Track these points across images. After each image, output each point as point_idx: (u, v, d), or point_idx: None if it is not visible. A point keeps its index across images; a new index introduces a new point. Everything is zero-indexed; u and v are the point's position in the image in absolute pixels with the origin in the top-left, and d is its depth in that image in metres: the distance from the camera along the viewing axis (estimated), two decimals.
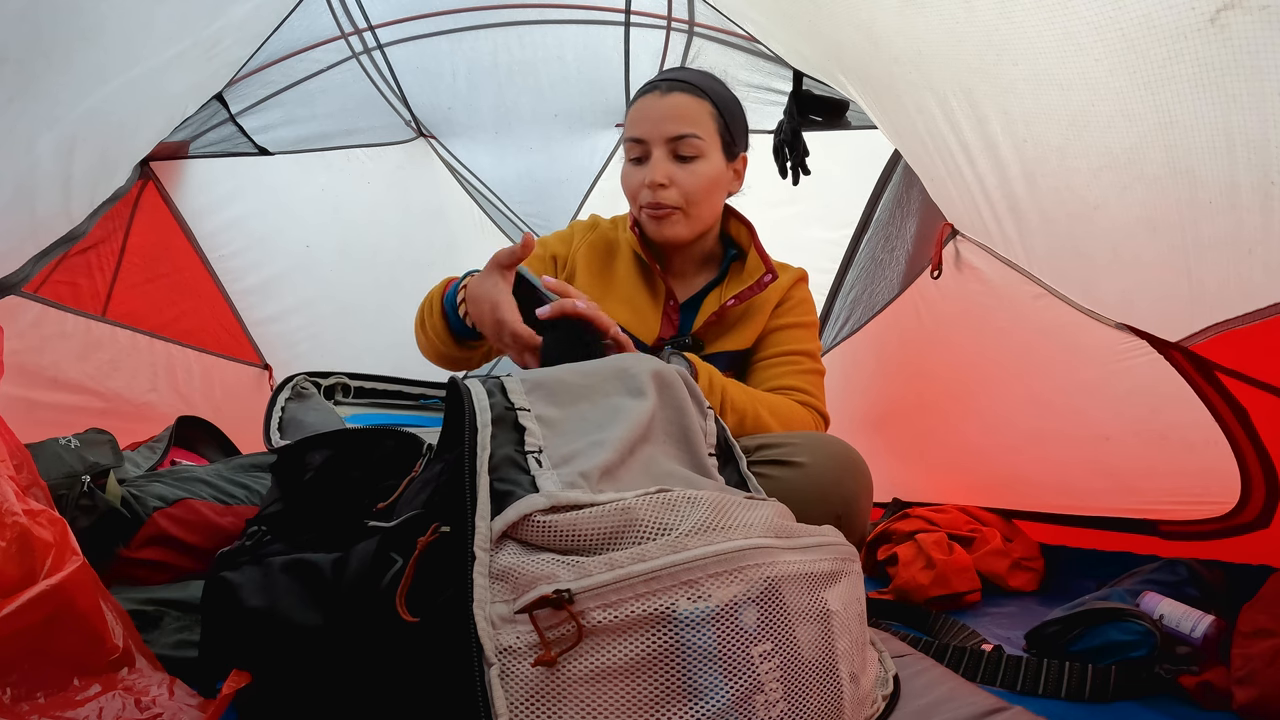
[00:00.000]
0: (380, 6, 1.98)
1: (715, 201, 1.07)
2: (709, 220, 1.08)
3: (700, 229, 1.07)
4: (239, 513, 0.99)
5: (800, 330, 1.10)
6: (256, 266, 2.15)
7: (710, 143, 1.03)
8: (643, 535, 0.48)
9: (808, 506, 0.72)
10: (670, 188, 1.02)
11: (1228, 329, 0.82)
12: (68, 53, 1.05)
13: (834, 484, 0.86)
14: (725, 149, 1.06)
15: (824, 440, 0.91)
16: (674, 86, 1.04)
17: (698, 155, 1.02)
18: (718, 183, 1.05)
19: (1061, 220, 0.96)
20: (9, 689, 0.57)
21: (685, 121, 1.02)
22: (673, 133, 1.01)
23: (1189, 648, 0.89)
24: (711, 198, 1.06)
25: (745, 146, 1.10)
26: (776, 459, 0.87)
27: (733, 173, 1.09)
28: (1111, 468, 1.18)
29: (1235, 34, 0.60)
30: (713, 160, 1.04)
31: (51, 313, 1.46)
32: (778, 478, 0.83)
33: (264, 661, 0.58)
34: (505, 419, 0.57)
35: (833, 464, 0.87)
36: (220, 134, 1.87)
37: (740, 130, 1.08)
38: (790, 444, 0.88)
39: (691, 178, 1.02)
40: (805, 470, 0.85)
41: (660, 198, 1.03)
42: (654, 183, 1.02)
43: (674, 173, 1.02)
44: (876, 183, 1.76)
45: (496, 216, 2.88)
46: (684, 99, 1.02)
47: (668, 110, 1.02)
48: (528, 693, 0.44)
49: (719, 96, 1.05)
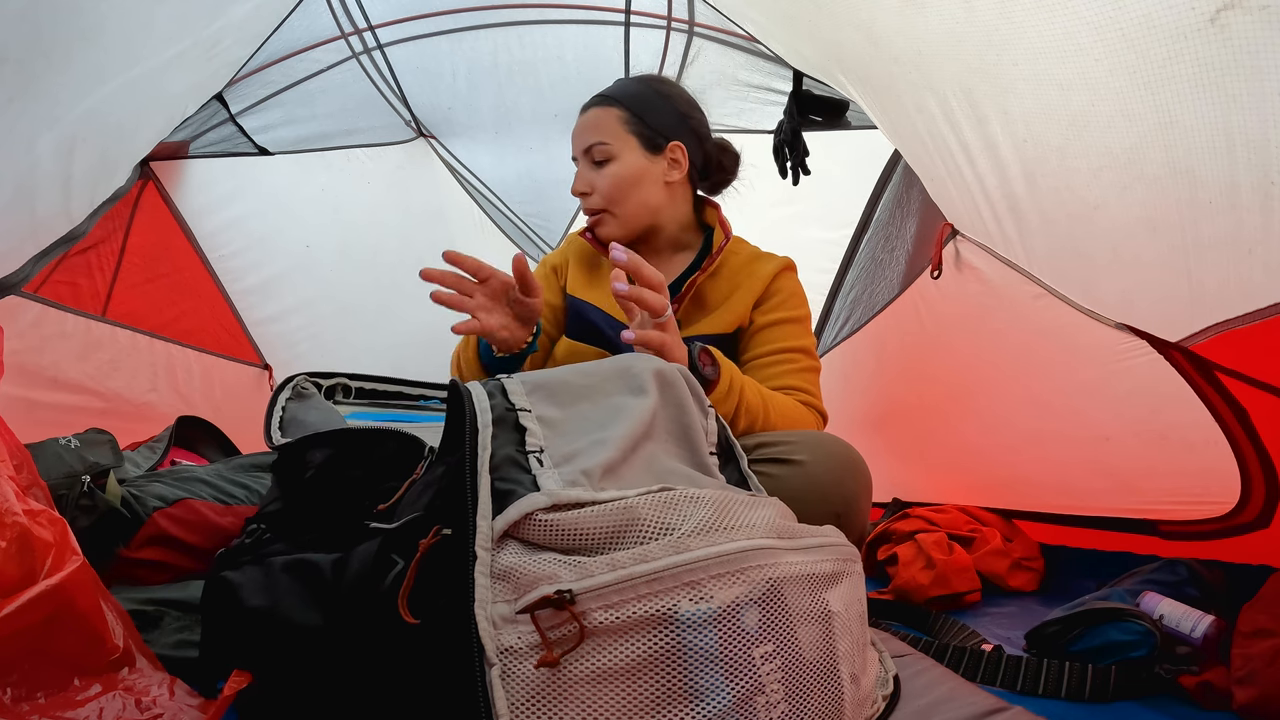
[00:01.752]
0: (380, 6, 1.97)
1: (644, 196, 1.12)
2: (642, 215, 1.13)
3: (635, 225, 1.13)
4: (239, 513, 0.99)
5: (793, 325, 1.10)
6: (256, 266, 2.15)
7: (621, 143, 1.11)
8: (645, 535, 0.48)
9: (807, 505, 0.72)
10: (591, 194, 1.13)
11: (1228, 329, 0.82)
12: (68, 53, 1.05)
13: (834, 483, 0.86)
14: (646, 144, 1.12)
15: (823, 439, 0.91)
16: (590, 104, 1.15)
17: (608, 158, 1.11)
18: (640, 178, 1.12)
19: (1061, 220, 0.96)
20: (9, 689, 0.57)
21: (592, 131, 1.12)
22: (584, 144, 1.13)
23: (1189, 648, 0.89)
24: (637, 193, 1.12)
25: (683, 136, 1.14)
26: (776, 457, 0.87)
27: (667, 163, 1.13)
28: (1111, 468, 1.18)
29: (1235, 34, 0.60)
30: (626, 159, 1.11)
31: (51, 313, 1.46)
32: (777, 476, 0.83)
33: (264, 661, 0.58)
34: (506, 419, 0.57)
35: (832, 463, 0.87)
36: (220, 134, 1.87)
37: (665, 122, 1.13)
38: (789, 442, 0.89)
39: (605, 180, 1.11)
40: (805, 468, 0.85)
41: (586, 204, 1.14)
42: (576, 191, 1.14)
43: (591, 179, 1.12)
44: (876, 183, 1.76)
45: (496, 216, 2.88)
46: (593, 112, 1.14)
47: (581, 126, 1.15)
48: (529, 693, 0.44)
49: (630, 97, 1.13)
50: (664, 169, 1.13)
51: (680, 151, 1.13)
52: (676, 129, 1.14)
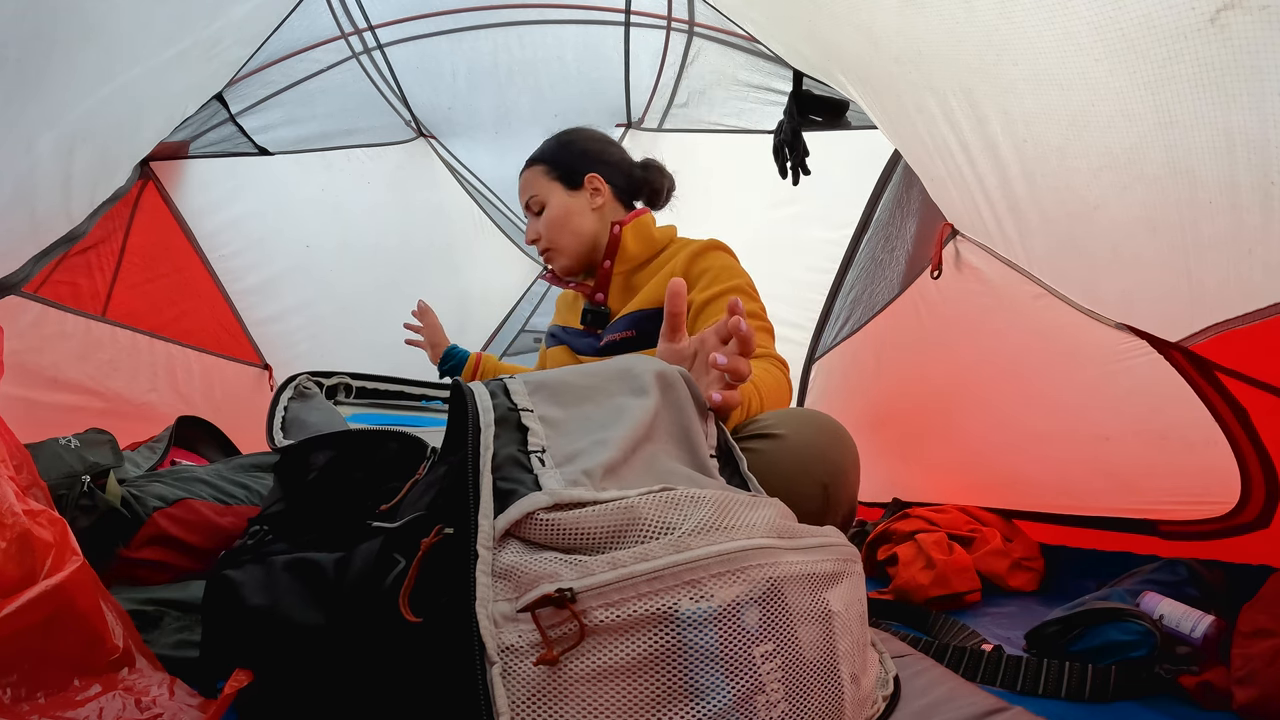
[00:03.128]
0: (380, 6, 1.98)
1: (576, 227, 1.30)
2: (580, 243, 1.30)
3: (577, 252, 1.31)
4: (239, 513, 0.99)
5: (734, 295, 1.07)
6: (256, 266, 2.15)
7: (547, 190, 1.31)
8: (646, 534, 0.48)
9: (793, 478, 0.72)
10: (539, 239, 1.33)
11: (1228, 329, 0.82)
12: (68, 53, 1.05)
13: (817, 453, 0.86)
14: (566, 183, 1.31)
15: (802, 413, 0.91)
16: (523, 169, 1.35)
17: (542, 207, 1.31)
18: (569, 213, 1.30)
19: (1061, 220, 0.96)
20: (9, 689, 0.57)
21: (525, 188, 1.34)
22: (523, 200, 1.35)
23: (1189, 648, 0.89)
24: (570, 226, 1.30)
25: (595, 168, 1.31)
26: (757, 433, 0.87)
27: (589, 193, 1.31)
28: (1111, 468, 1.18)
29: (1235, 34, 0.60)
30: (554, 201, 1.30)
31: (51, 313, 1.46)
32: (760, 450, 0.83)
33: (265, 661, 0.58)
34: (508, 419, 0.57)
35: (816, 434, 0.87)
36: (220, 134, 1.87)
37: (575, 160, 1.32)
38: (771, 418, 0.89)
39: (544, 224, 1.31)
40: (785, 441, 0.85)
41: (538, 247, 1.34)
42: (528, 240, 1.36)
43: (536, 226, 1.33)
44: (876, 183, 1.76)
45: (496, 217, 2.88)
46: (525, 174, 1.35)
47: (519, 187, 1.36)
48: (529, 691, 0.44)
49: (545, 151, 1.34)
50: (587, 199, 1.31)
51: (598, 180, 1.31)
52: (589, 163, 1.31)
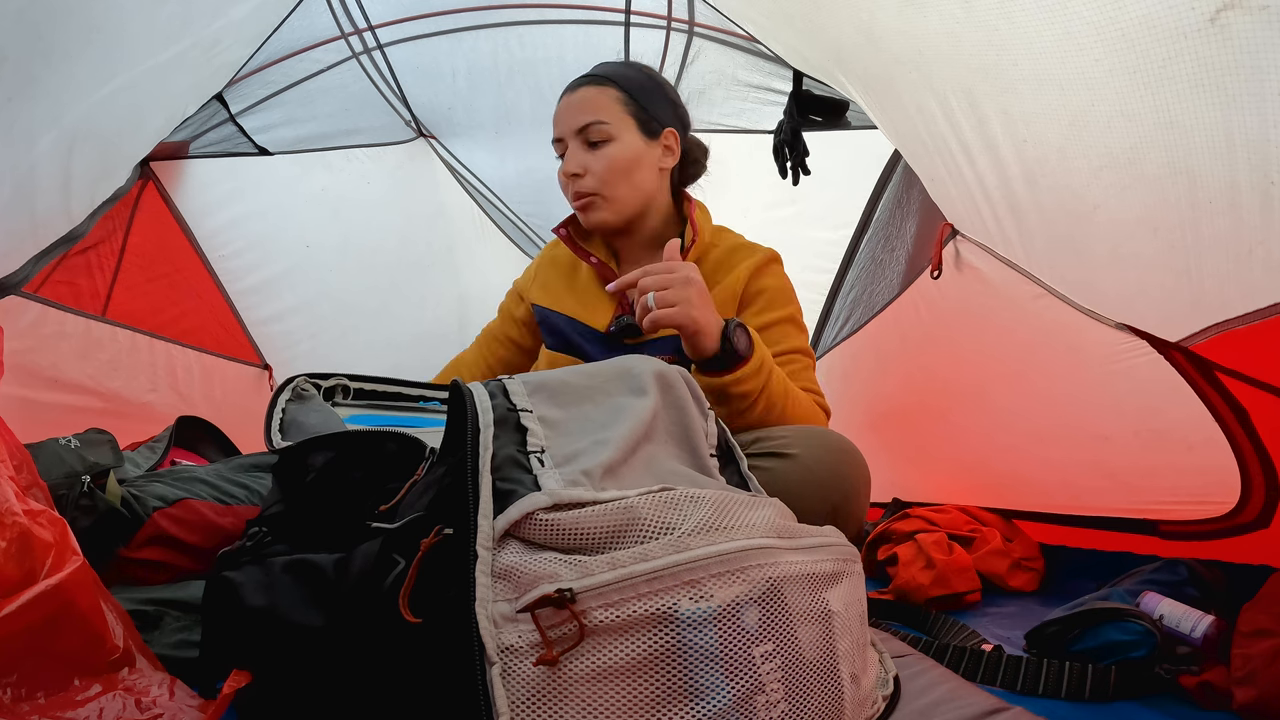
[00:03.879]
0: (380, 6, 1.97)
1: (638, 181, 1.09)
2: (635, 200, 1.10)
3: (627, 211, 1.10)
4: (239, 513, 0.99)
5: (787, 326, 1.08)
6: (256, 266, 2.15)
7: (620, 124, 1.07)
8: (645, 534, 0.48)
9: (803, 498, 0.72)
10: (585, 175, 1.07)
11: (1228, 329, 0.82)
12: (67, 53, 1.05)
13: (829, 474, 0.86)
14: (642, 128, 1.09)
15: (817, 432, 0.91)
16: (580, 82, 1.11)
17: (606, 139, 1.07)
18: (636, 162, 1.08)
19: (1061, 220, 0.96)
20: (9, 689, 0.57)
21: (589, 110, 1.07)
22: (579, 123, 1.07)
23: (1189, 648, 0.89)
24: (631, 177, 1.08)
25: (674, 124, 1.13)
26: (770, 451, 0.87)
27: (661, 149, 1.11)
28: (1111, 468, 1.18)
29: (1235, 34, 0.60)
30: (625, 141, 1.07)
31: (51, 313, 1.46)
32: (771, 469, 0.83)
33: (265, 661, 0.58)
34: (508, 420, 0.57)
35: (827, 455, 0.87)
36: (220, 134, 1.87)
37: (660, 107, 1.11)
38: (783, 436, 0.89)
39: (602, 161, 1.07)
40: (799, 461, 0.85)
41: (577, 186, 1.08)
42: (569, 173, 1.08)
43: (586, 160, 1.07)
44: (876, 183, 1.76)
45: (496, 217, 2.88)
46: (588, 90, 1.09)
47: (574, 104, 1.09)
48: (529, 692, 0.44)
49: (626, 80, 1.10)
50: (659, 155, 1.11)
51: (674, 139, 1.12)
52: (669, 116, 1.12)
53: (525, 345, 1.28)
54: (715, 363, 0.89)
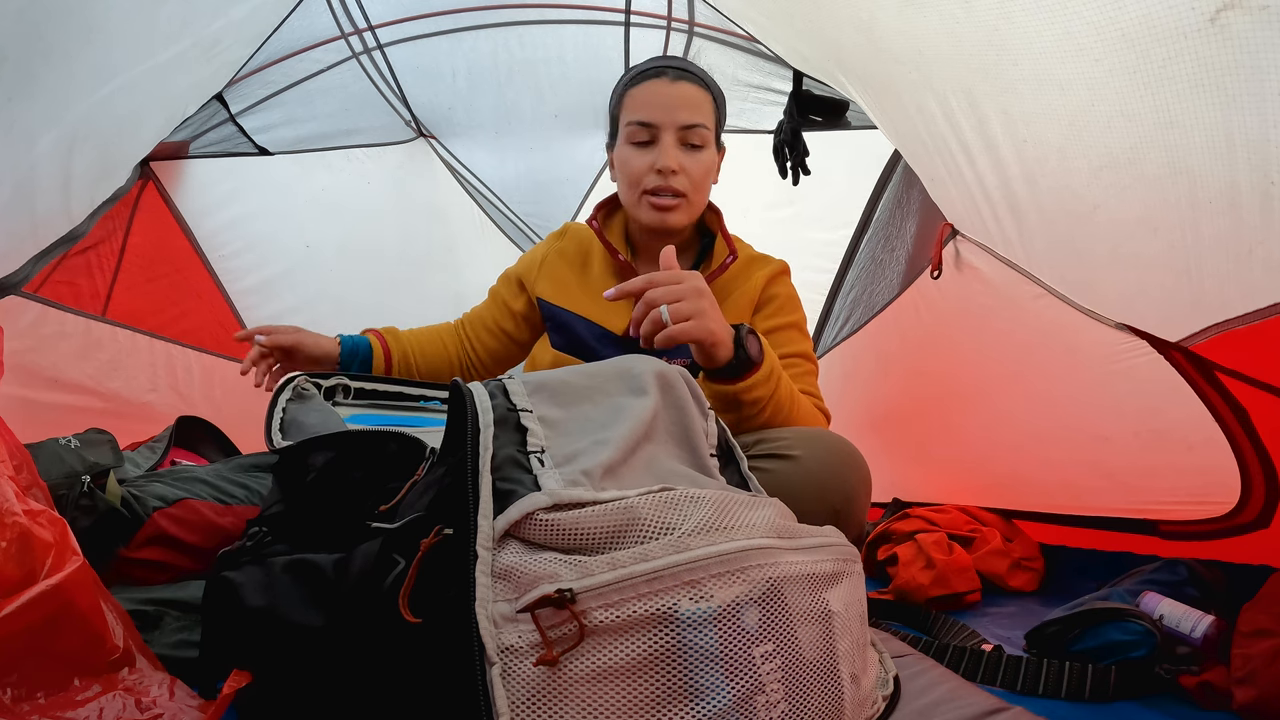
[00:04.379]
0: (380, 6, 1.97)
1: (709, 191, 1.11)
2: (701, 209, 1.11)
3: (695, 218, 1.11)
4: (239, 513, 0.99)
5: (793, 331, 1.10)
6: (256, 266, 2.15)
7: (710, 132, 1.07)
8: (645, 534, 0.48)
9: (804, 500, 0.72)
10: (680, 174, 1.04)
11: (1228, 329, 0.82)
12: (67, 52, 1.05)
13: (830, 477, 0.86)
14: (717, 139, 1.10)
15: (820, 434, 0.91)
16: (681, 75, 1.05)
17: (703, 145, 1.06)
18: (711, 172, 1.10)
19: (1061, 220, 0.96)
20: (9, 689, 0.57)
21: (695, 110, 1.04)
22: (685, 121, 1.03)
23: (1189, 648, 0.89)
24: (707, 187, 1.09)
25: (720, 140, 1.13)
26: (771, 453, 0.87)
27: (718, 164, 1.13)
28: (1111, 468, 1.18)
29: (1235, 34, 0.60)
30: (711, 150, 1.08)
31: (51, 313, 1.46)
32: (773, 471, 0.83)
33: (264, 661, 0.58)
34: (508, 420, 0.57)
35: (828, 457, 0.87)
36: (220, 134, 1.87)
37: (723, 121, 1.12)
38: (785, 438, 0.89)
39: (698, 166, 1.05)
40: (800, 463, 0.85)
41: (673, 183, 1.04)
42: (666, 168, 1.03)
43: (684, 160, 1.04)
44: (876, 183, 1.76)
45: (496, 217, 2.88)
46: (692, 89, 1.05)
47: (680, 98, 1.04)
48: (529, 692, 0.44)
49: (716, 89, 1.10)
50: (716, 169, 1.12)
51: (723, 156, 1.13)
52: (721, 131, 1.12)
53: (520, 339, 1.23)
54: (728, 370, 0.88)
